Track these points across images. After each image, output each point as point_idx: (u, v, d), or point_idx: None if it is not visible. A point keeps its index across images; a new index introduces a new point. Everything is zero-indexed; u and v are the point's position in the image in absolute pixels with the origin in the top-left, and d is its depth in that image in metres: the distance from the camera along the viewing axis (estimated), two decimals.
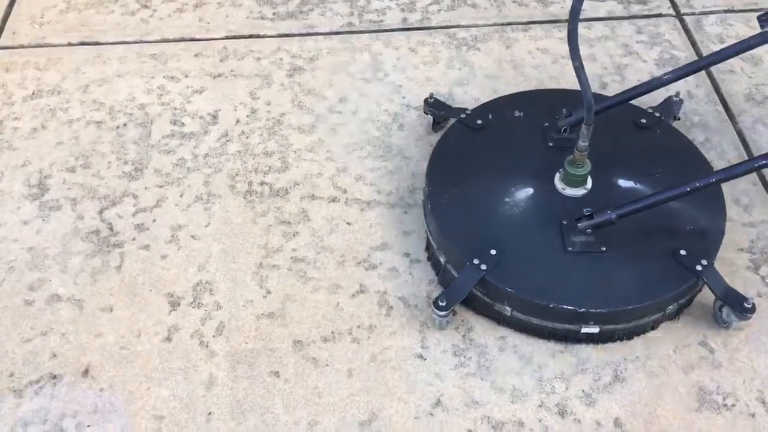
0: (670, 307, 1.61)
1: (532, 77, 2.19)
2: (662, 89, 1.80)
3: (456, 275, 1.63)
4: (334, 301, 1.71)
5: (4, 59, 2.25)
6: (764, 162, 1.50)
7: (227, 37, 2.32)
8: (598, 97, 1.80)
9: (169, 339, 1.65)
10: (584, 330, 1.59)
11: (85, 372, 1.60)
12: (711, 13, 2.38)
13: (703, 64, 1.71)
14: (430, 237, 1.74)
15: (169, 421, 1.53)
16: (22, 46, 2.29)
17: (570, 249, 1.61)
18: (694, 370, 1.60)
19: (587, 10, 2.39)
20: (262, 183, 1.94)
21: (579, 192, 1.71)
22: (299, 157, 1.99)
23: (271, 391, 1.58)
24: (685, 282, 1.59)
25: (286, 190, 1.92)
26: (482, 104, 1.95)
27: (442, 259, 1.69)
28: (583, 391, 1.57)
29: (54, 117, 2.09)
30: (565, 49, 2.26)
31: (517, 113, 1.89)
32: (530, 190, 1.73)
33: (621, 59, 2.24)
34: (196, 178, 1.95)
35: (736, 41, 1.66)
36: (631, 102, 1.80)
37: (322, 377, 1.60)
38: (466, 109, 1.92)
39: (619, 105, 1.77)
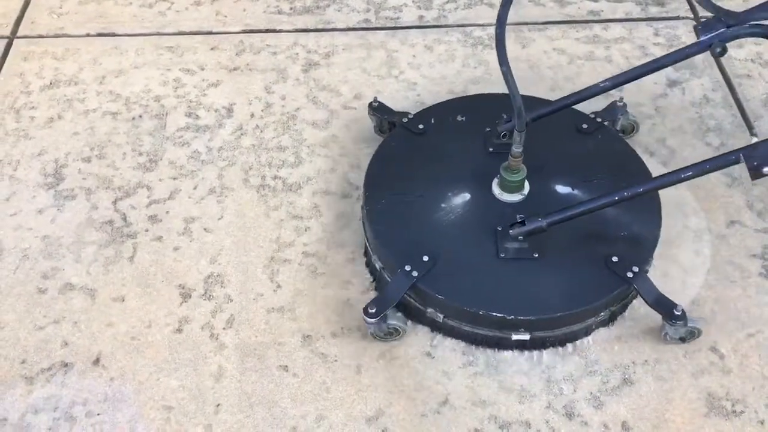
0: (602, 313, 1.60)
1: (547, 77, 2.18)
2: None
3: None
4: (344, 297, 1.72)
5: (23, 49, 2.27)
6: (690, 173, 1.49)
7: (244, 31, 2.32)
8: (540, 103, 1.78)
9: (179, 330, 1.66)
10: (515, 337, 1.58)
11: (96, 361, 1.62)
12: None
13: (640, 72, 1.69)
14: (367, 242, 1.73)
15: (177, 411, 1.55)
16: (40, 36, 2.31)
17: (503, 255, 1.60)
18: (704, 376, 1.59)
19: (604, 11, 2.38)
20: (275, 177, 1.94)
21: (516, 198, 1.69)
22: (313, 152, 2.00)
23: (280, 384, 1.58)
24: (615, 289, 1.58)
25: (299, 184, 1.93)
26: (425, 108, 1.93)
27: (377, 265, 1.68)
28: (591, 393, 1.57)
29: (71, 107, 2.11)
30: (582, 49, 2.26)
31: (459, 118, 1.87)
32: (467, 196, 1.71)
33: (637, 61, 2.23)
34: (209, 171, 1.95)
35: (682, 48, 1.65)
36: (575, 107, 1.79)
37: (330, 372, 1.60)
38: (408, 113, 1.90)
39: (555, 112, 1.74)
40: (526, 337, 1.58)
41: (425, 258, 1.60)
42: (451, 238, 1.65)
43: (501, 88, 2.13)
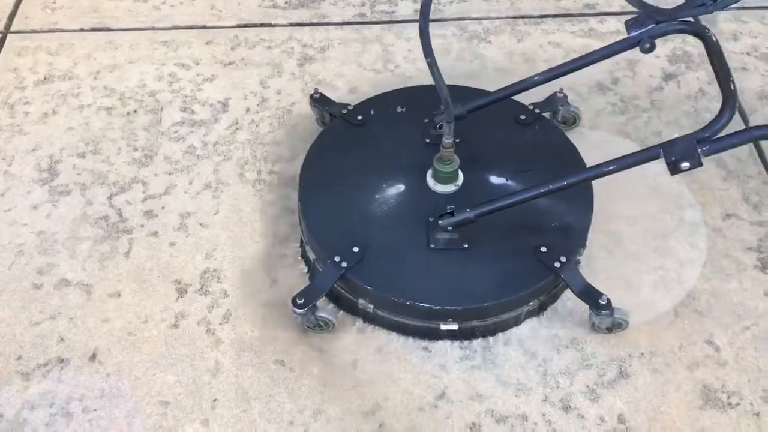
0: (531, 303, 1.61)
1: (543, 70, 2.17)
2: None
3: None
4: None
5: (17, 44, 2.25)
6: (612, 167, 1.49)
7: (239, 26, 2.32)
8: (477, 94, 1.78)
9: (176, 326, 1.66)
10: (443, 327, 1.58)
11: (93, 356, 1.62)
12: (725, 10, 2.36)
13: (571, 67, 1.69)
14: (302, 234, 1.73)
15: (174, 406, 1.54)
16: (34, 31, 2.30)
17: (433, 246, 1.61)
18: (699, 368, 1.60)
19: (600, 4, 2.37)
20: (270, 172, 1.94)
21: (449, 188, 1.69)
22: (309, 146, 1.99)
23: (277, 379, 1.58)
24: (542, 279, 1.58)
25: (295, 179, 1.92)
26: (365, 100, 1.93)
27: (311, 257, 1.69)
28: (587, 386, 1.57)
29: (65, 102, 2.10)
30: (577, 43, 2.25)
31: (399, 109, 1.87)
32: (402, 187, 1.72)
33: (633, 55, 2.22)
34: (205, 166, 1.95)
35: (611, 43, 1.66)
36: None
37: (327, 367, 1.60)
38: (348, 104, 1.90)
39: (491, 104, 1.74)
40: (455, 327, 1.58)
41: (355, 249, 1.60)
42: (383, 228, 1.66)
43: (498, 83, 2.13)
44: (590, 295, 1.58)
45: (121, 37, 2.27)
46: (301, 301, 1.57)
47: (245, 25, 2.32)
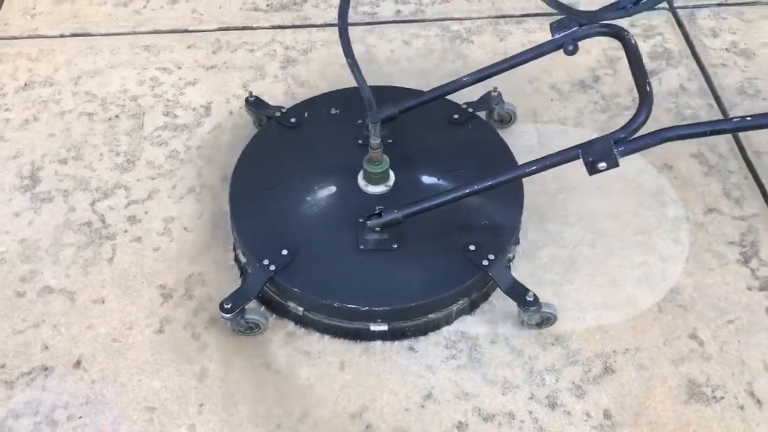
0: (461, 302, 1.62)
1: (525, 69, 2.17)
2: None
3: None
4: None
5: None
6: (534, 168, 1.51)
7: (220, 29, 2.31)
8: (410, 94, 1.79)
9: (161, 331, 1.65)
10: (373, 328, 1.59)
11: (77, 364, 1.61)
12: (704, 6, 2.38)
13: (500, 68, 1.71)
14: (233, 237, 1.73)
15: (160, 412, 1.54)
16: (14, 38, 2.28)
17: (362, 247, 1.61)
18: (684, 363, 1.61)
19: (581, 2, 2.39)
20: None
21: (380, 189, 1.69)
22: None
23: (263, 382, 1.58)
24: (471, 277, 1.59)
25: None
26: (300, 102, 1.93)
27: (242, 260, 1.69)
28: (573, 383, 1.58)
29: (46, 108, 2.09)
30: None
31: (333, 111, 1.87)
32: (333, 189, 1.72)
33: (614, 52, 2.24)
34: (188, 170, 1.94)
35: (536, 45, 1.68)
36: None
37: (314, 369, 1.60)
38: (282, 107, 1.90)
39: (421, 105, 1.74)
40: (384, 327, 1.59)
41: (284, 252, 1.60)
42: (313, 231, 1.66)
43: (482, 84, 2.14)
44: (517, 292, 1.59)
45: (102, 43, 2.26)
46: (228, 306, 1.56)
47: (227, 29, 2.31)
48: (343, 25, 1.43)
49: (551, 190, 1.90)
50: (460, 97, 1.84)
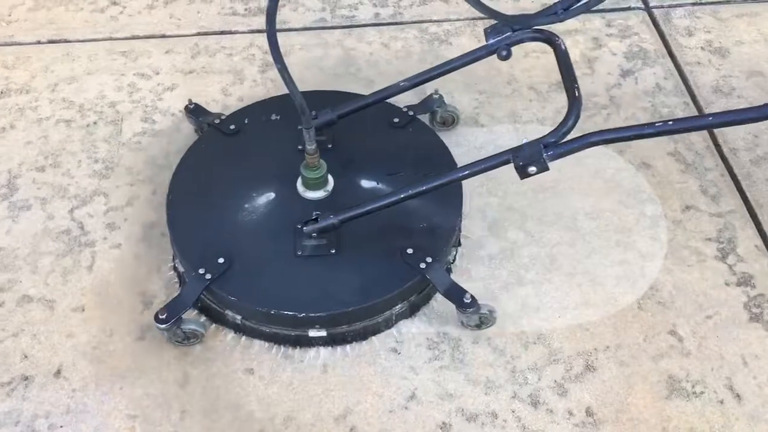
0: (399, 305, 1.62)
1: (504, 71, 2.20)
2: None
3: None
4: None
5: None
6: (466, 172, 1.53)
7: (198, 34, 2.30)
8: (348, 99, 1.80)
9: (142, 338, 1.64)
10: (312, 334, 1.59)
11: (58, 372, 1.59)
12: (679, 6, 2.41)
13: (436, 73, 1.73)
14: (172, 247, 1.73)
15: (142, 420, 1.53)
16: None
17: (300, 253, 1.61)
18: (664, 359, 1.62)
19: (559, 3, 2.40)
20: None
21: (319, 194, 1.69)
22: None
23: (246, 388, 1.58)
24: (408, 281, 1.59)
25: None
26: (240, 109, 1.93)
27: (180, 270, 1.69)
28: (555, 381, 1.59)
29: (23, 116, 2.07)
30: (536, 43, 2.27)
31: (274, 117, 1.87)
32: (272, 195, 1.72)
33: (591, 52, 2.26)
34: (168, 176, 1.92)
35: (471, 50, 1.71)
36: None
37: (297, 373, 1.60)
38: (222, 114, 1.90)
39: (359, 110, 1.76)
40: (323, 333, 1.59)
41: (221, 260, 1.59)
42: (250, 238, 1.65)
43: (460, 84, 2.15)
44: (455, 294, 1.59)
45: (79, 49, 2.25)
46: (163, 317, 1.54)
47: (205, 33, 2.31)
48: (270, 29, 1.41)
49: (531, 189, 1.91)
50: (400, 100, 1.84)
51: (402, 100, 1.90)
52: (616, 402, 1.56)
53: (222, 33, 2.31)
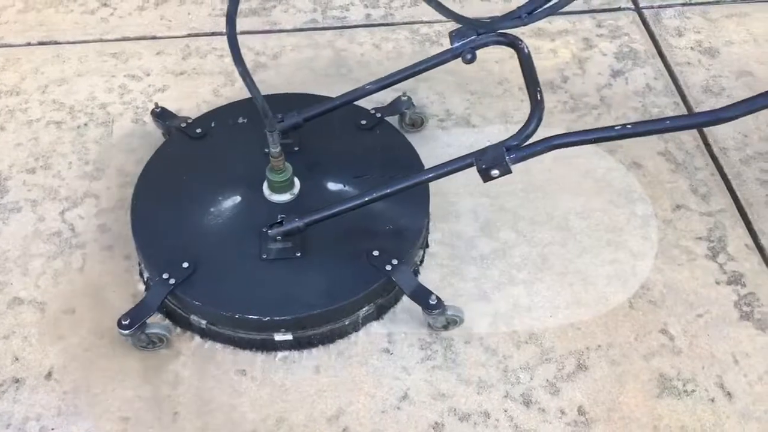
0: (366, 308, 1.62)
1: (495, 72, 2.20)
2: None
3: None
4: None
5: None
6: (431, 175, 1.54)
7: (189, 35, 2.30)
8: (315, 101, 1.81)
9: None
10: (277, 338, 1.58)
11: (49, 375, 1.59)
12: (669, 6, 2.42)
13: (402, 76, 1.74)
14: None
15: (134, 422, 1.52)
16: None
17: (265, 257, 1.60)
18: (655, 357, 1.63)
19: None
20: None
21: (285, 198, 1.69)
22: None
23: (238, 389, 1.57)
24: (374, 283, 1.59)
25: None
26: (207, 112, 1.92)
27: (146, 275, 1.69)
28: (547, 380, 1.59)
29: (13, 118, 2.06)
30: (528, 42, 2.27)
31: (241, 120, 1.86)
32: (237, 199, 1.71)
33: (582, 53, 2.27)
34: None
35: (436, 53, 1.72)
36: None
37: (289, 374, 1.60)
38: (189, 118, 1.89)
39: (326, 113, 1.76)
40: (289, 337, 1.58)
41: (185, 265, 1.58)
42: (216, 242, 1.64)
43: (451, 85, 2.16)
44: (421, 296, 1.58)
45: (69, 50, 2.24)
46: (126, 322, 1.53)
47: (196, 35, 2.30)
48: (231, 31, 1.40)
49: (522, 189, 1.92)
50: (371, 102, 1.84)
51: (379, 100, 1.88)
52: (608, 401, 1.57)
53: (213, 34, 2.31)
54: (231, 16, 1.39)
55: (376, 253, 1.61)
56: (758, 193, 1.93)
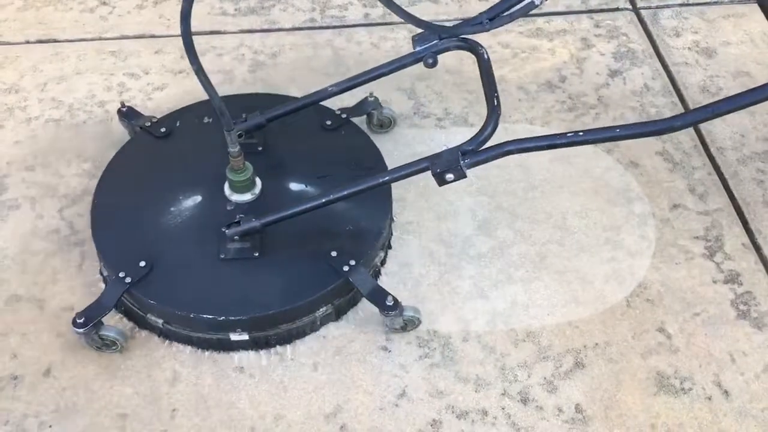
0: (323, 308, 1.62)
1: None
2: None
3: None
4: None
5: None
6: (387, 178, 1.55)
7: None
8: (279, 102, 1.81)
9: (132, 337, 1.64)
10: (233, 337, 1.58)
11: (47, 372, 1.59)
12: (666, 7, 2.43)
13: (362, 79, 1.76)
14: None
15: (132, 418, 1.53)
16: None
17: (223, 256, 1.60)
18: (652, 356, 1.63)
19: (548, 4, 2.42)
20: None
21: (246, 197, 1.68)
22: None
23: (237, 386, 1.57)
24: (331, 283, 1.59)
25: None
26: (173, 111, 1.92)
27: (104, 273, 1.69)
28: (544, 378, 1.60)
29: (12, 116, 2.06)
30: (526, 43, 2.29)
31: (206, 119, 1.86)
32: (198, 198, 1.71)
33: (580, 53, 2.27)
34: None
35: (399, 57, 1.74)
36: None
37: (287, 371, 1.60)
38: (153, 117, 1.89)
39: (289, 113, 1.77)
40: (245, 337, 1.58)
41: (142, 264, 1.58)
42: (174, 242, 1.65)
43: (450, 84, 2.16)
44: (378, 297, 1.59)
45: (68, 49, 2.24)
46: (81, 320, 1.53)
47: (195, 33, 2.27)
48: (185, 29, 1.40)
49: (521, 188, 1.92)
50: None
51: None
52: (605, 398, 1.57)
53: (212, 33, 2.31)
54: (185, 14, 1.38)
55: (334, 253, 1.61)
56: (755, 193, 1.93)
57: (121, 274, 1.57)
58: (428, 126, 2.06)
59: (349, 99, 1.92)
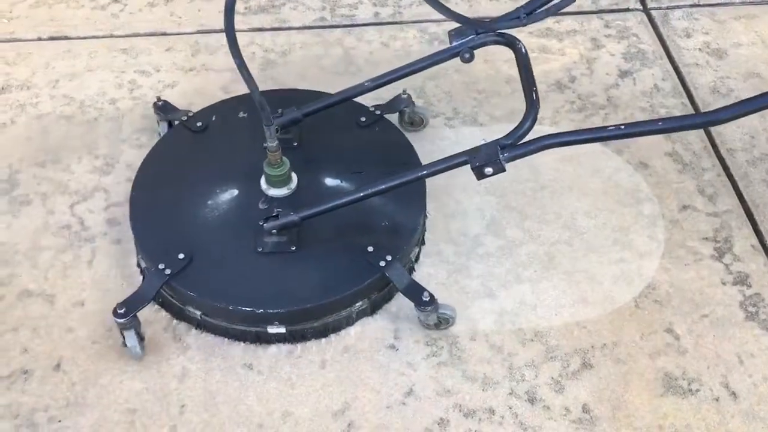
0: (359, 303, 1.62)
1: (503, 71, 2.21)
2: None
3: None
4: None
5: None
6: (425, 172, 1.55)
7: (199, 32, 2.31)
8: (315, 97, 1.82)
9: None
10: (271, 330, 1.59)
11: (57, 366, 1.60)
12: (677, 7, 2.42)
13: (398, 75, 1.76)
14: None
15: (141, 414, 1.54)
16: None
17: (260, 250, 1.62)
18: (660, 357, 1.63)
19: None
20: None
21: (282, 192, 1.69)
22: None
23: (245, 383, 1.58)
24: (368, 278, 1.60)
25: None
26: (208, 106, 1.93)
27: (143, 265, 1.70)
28: (552, 378, 1.60)
29: (24, 112, 2.08)
30: (535, 43, 2.29)
31: (241, 114, 1.88)
32: (235, 192, 1.72)
33: (590, 53, 2.27)
34: None
35: (435, 52, 1.74)
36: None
37: (295, 369, 1.61)
38: (189, 111, 1.90)
39: (325, 109, 1.78)
40: (282, 330, 1.59)
41: (181, 256, 1.60)
42: (212, 234, 1.66)
43: (459, 83, 2.16)
44: (414, 292, 1.59)
45: (80, 46, 2.25)
46: (122, 311, 1.54)
47: (206, 31, 2.32)
48: (228, 24, 1.40)
49: (530, 188, 1.92)
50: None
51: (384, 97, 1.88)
52: (613, 399, 1.57)
53: (222, 31, 2.30)
54: (229, 7, 1.37)
55: (370, 249, 1.62)
56: (765, 195, 1.93)
57: (161, 266, 1.59)
58: (438, 125, 2.06)
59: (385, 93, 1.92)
